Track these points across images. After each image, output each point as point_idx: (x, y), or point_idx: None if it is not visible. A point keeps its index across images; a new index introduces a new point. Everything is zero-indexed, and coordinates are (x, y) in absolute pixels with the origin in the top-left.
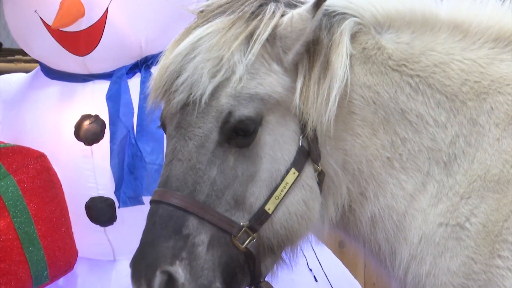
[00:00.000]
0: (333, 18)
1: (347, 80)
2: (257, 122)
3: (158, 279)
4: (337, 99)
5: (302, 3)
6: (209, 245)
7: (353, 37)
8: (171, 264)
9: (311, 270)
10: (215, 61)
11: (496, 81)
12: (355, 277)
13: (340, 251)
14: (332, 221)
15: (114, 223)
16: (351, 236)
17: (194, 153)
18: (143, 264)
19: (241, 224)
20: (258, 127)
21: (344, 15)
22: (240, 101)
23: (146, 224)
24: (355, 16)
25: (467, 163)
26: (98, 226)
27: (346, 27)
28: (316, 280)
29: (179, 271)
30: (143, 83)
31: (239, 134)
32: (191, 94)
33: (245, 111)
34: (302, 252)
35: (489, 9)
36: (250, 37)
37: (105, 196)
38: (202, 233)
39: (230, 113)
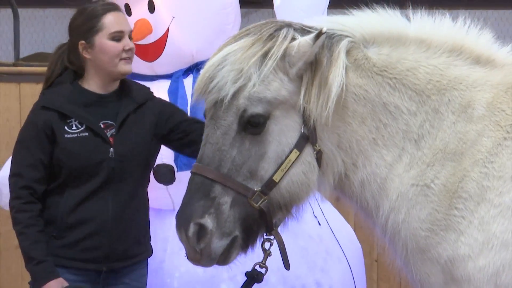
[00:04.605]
0: (333, 39)
1: (342, 85)
2: (266, 117)
3: (192, 228)
4: (335, 100)
5: (309, 28)
6: (231, 205)
7: (347, 51)
8: (201, 218)
9: (316, 217)
10: (237, 71)
11: (452, 80)
12: (348, 222)
13: (336, 204)
14: (331, 185)
15: (174, 183)
16: (346, 196)
17: (220, 139)
18: (182, 218)
19: (255, 189)
20: (267, 120)
21: (340, 36)
22: (252, 102)
23: (186, 189)
24: (349, 36)
25: (432, 140)
26: (162, 185)
27: (343, 46)
28: (319, 224)
29: (208, 221)
30: (194, 82)
31: (252, 125)
32: (219, 95)
33: (255, 109)
34: (310, 204)
35: (445, 28)
36: (265, 55)
37: (167, 163)
38: (225, 196)
39: (245, 110)
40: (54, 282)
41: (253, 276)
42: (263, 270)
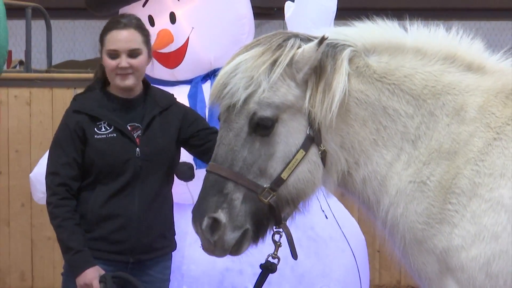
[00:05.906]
0: (336, 48)
1: (345, 91)
2: (274, 120)
3: (206, 222)
4: (338, 104)
5: (315, 37)
6: (242, 200)
7: (350, 59)
8: (215, 212)
9: (323, 211)
10: (248, 78)
11: (446, 85)
12: (352, 215)
13: (341, 198)
14: (335, 182)
15: (193, 179)
16: (349, 192)
17: (233, 140)
18: (197, 212)
19: (264, 186)
20: (275, 123)
21: (343, 46)
22: (262, 106)
23: (202, 186)
24: (351, 46)
25: (427, 140)
26: (182, 181)
27: (345, 55)
28: (326, 217)
29: (221, 216)
30: None
31: (262, 128)
32: (232, 100)
33: (264, 113)
34: (317, 198)
35: (439, 38)
36: (274, 63)
37: (187, 162)
38: (237, 192)
39: (255, 114)
40: (91, 270)
41: (267, 267)
42: (275, 261)
